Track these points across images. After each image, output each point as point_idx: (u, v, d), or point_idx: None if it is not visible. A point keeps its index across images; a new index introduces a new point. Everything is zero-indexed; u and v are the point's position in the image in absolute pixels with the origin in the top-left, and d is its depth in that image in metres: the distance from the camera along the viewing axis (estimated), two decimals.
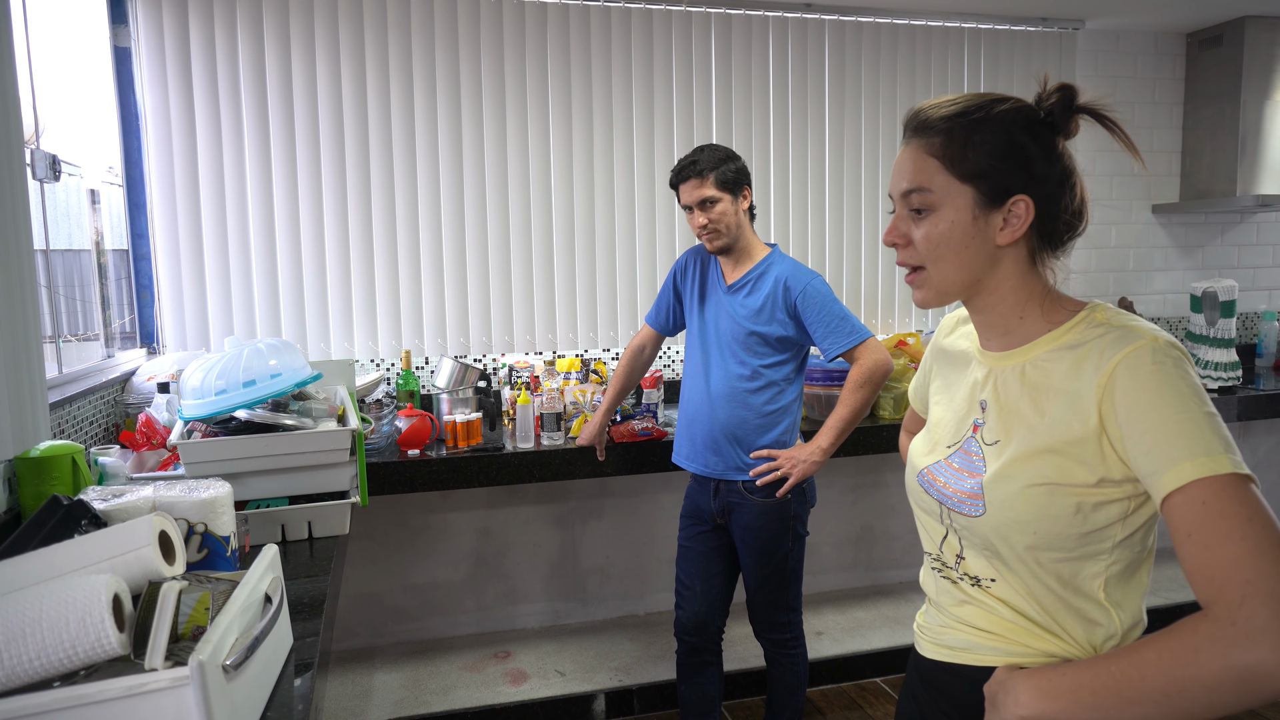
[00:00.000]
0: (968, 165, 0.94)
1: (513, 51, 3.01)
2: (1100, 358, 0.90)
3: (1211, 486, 0.80)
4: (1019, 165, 0.93)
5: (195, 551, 1.38)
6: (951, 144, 0.95)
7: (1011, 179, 0.93)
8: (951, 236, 0.95)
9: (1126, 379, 0.87)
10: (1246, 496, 0.80)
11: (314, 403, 2.04)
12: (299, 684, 1.16)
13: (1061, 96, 0.94)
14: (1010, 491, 0.94)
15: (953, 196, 0.95)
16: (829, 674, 2.90)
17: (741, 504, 2.21)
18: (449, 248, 3.01)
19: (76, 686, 0.88)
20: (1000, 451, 0.97)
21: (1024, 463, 0.94)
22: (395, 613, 3.06)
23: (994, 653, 1.01)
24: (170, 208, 2.78)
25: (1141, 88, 3.77)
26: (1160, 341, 0.88)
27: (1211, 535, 0.79)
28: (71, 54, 2.53)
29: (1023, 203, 0.93)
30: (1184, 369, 0.87)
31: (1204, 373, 3.49)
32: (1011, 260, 0.97)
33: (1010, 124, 0.94)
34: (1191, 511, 0.81)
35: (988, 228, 0.95)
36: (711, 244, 2.19)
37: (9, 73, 1.46)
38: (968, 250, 0.96)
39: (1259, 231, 4.01)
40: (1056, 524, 0.92)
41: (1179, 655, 0.79)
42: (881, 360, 2.16)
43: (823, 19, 3.29)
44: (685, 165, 2.15)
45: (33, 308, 1.52)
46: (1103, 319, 0.94)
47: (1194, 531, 0.80)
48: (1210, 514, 0.79)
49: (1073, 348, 0.93)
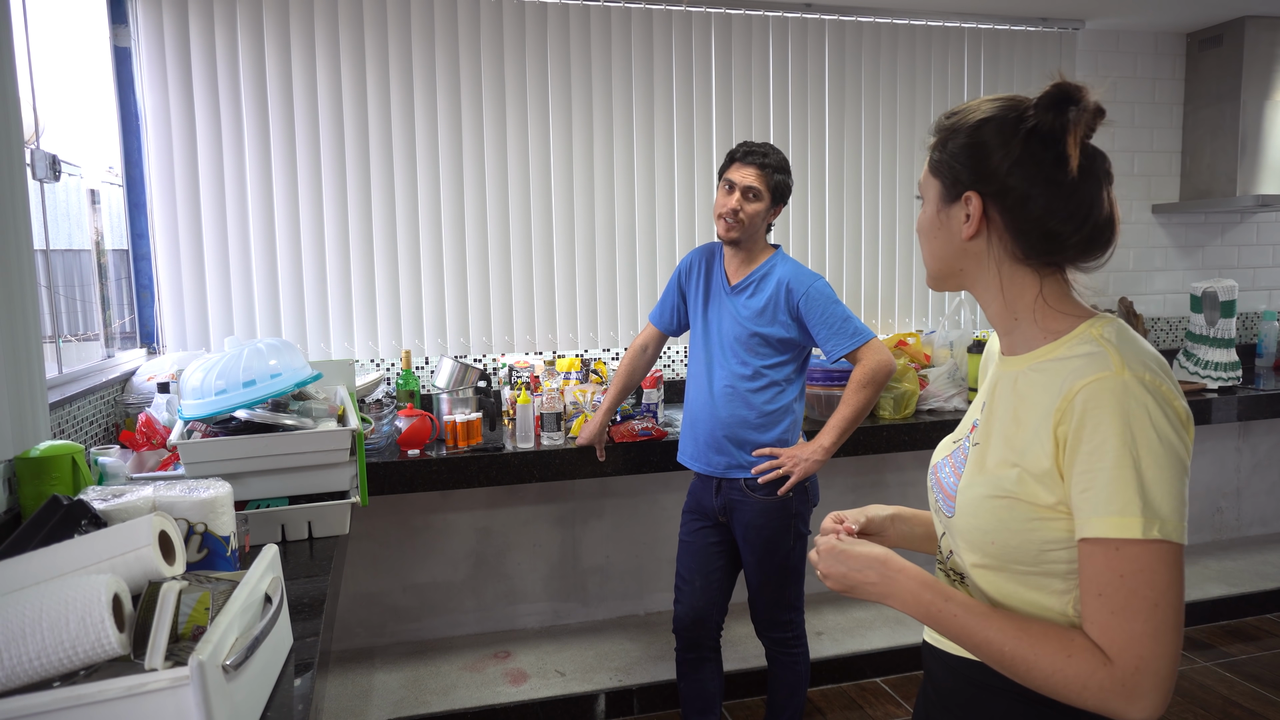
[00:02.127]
0: (937, 160, 0.99)
1: (513, 51, 3.01)
2: (1067, 380, 0.88)
3: (1127, 552, 0.83)
4: (972, 163, 0.95)
5: (195, 551, 1.38)
6: (937, 142, 1.00)
7: (962, 175, 0.96)
8: (924, 226, 1.03)
9: (1080, 410, 0.85)
10: (1160, 574, 0.83)
11: (314, 403, 2.04)
12: (299, 684, 1.16)
13: (1046, 95, 0.91)
14: (974, 497, 0.96)
15: (929, 189, 1.01)
16: (829, 674, 2.90)
17: (743, 502, 2.21)
18: (449, 248, 3.01)
19: (76, 686, 0.88)
20: (979, 456, 0.99)
21: (991, 472, 0.95)
22: (395, 613, 3.06)
23: None
24: (170, 208, 2.78)
25: (1141, 88, 3.77)
26: (1128, 376, 0.85)
27: (1120, 605, 0.83)
28: (71, 54, 2.53)
29: (973, 199, 0.95)
30: (1146, 412, 0.84)
31: (1204, 373, 3.49)
32: (992, 259, 0.97)
33: (980, 124, 0.95)
34: (1105, 576, 0.84)
35: (950, 221, 0.98)
36: (727, 232, 2.20)
37: (9, 73, 1.46)
38: (936, 240, 1.01)
39: (1259, 231, 4.01)
40: (1014, 537, 0.92)
41: (1046, 653, 0.86)
42: (884, 361, 2.16)
43: (823, 19, 3.29)
44: (755, 151, 2.18)
45: (33, 308, 1.52)
46: (1096, 335, 0.91)
47: (1104, 593, 0.84)
48: (1124, 587, 0.83)
49: (1058, 361, 0.92)
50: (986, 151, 0.94)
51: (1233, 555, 3.76)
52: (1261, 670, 2.96)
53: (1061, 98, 0.89)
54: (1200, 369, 3.52)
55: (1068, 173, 0.90)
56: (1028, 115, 0.92)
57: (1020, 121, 0.92)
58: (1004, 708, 0.99)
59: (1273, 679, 2.90)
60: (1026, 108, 0.93)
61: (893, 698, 2.83)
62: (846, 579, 1.02)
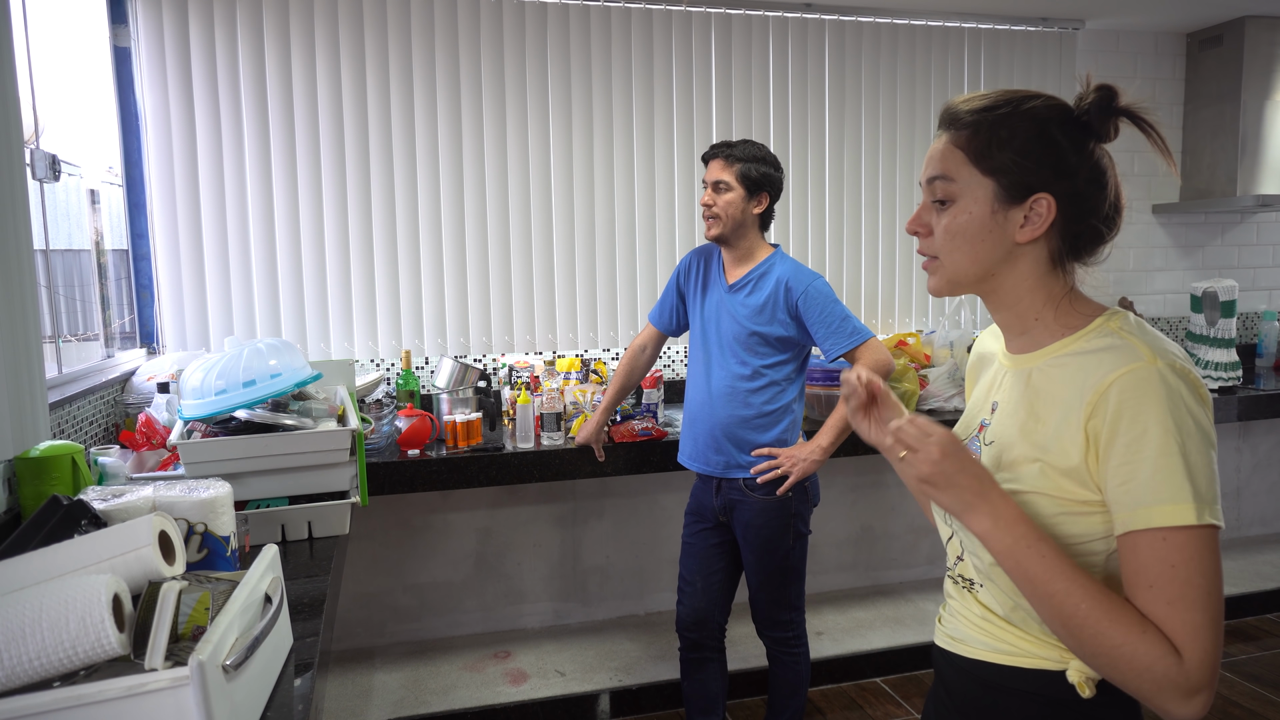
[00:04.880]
0: (991, 159, 0.93)
1: (513, 51, 3.01)
2: (1096, 373, 0.88)
3: (1174, 541, 0.83)
4: (1044, 163, 0.92)
5: (195, 551, 1.38)
6: (978, 137, 0.94)
7: (1034, 176, 0.92)
8: (969, 228, 0.95)
9: (1116, 402, 0.85)
10: (1207, 560, 0.83)
11: (314, 403, 2.03)
12: (299, 684, 1.16)
13: (1099, 97, 0.92)
14: None
15: (973, 189, 0.94)
16: (829, 674, 2.90)
17: (743, 501, 2.21)
18: (449, 248, 3.01)
19: (76, 686, 0.88)
20: (994, 454, 0.98)
21: (1010, 470, 0.95)
22: (395, 613, 3.06)
23: (984, 647, 1.01)
24: (170, 208, 2.78)
25: (1141, 88, 3.75)
26: (1161, 365, 0.85)
27: (1176, 596, 0.83)
28: (71, 54, 2.53)
29: (1045, 201, 0.92)
30: (1181, 399, 0.84)
31: (1204, 373, 3.49)
32: (1030, 260, 0.95)
33: (1039, 120, 0.92)
34: (1155, 567, 0.83)
35: (1006, 223, 0.94)
36: (709, 230, 2.24)
37: (9, 73, 1.46)
38: (983, 244, 0.95)
39: (1259, 231, 4.01)
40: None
41: (1120, 624, 0.84)
42: (882, 360, 2.16)
43: (823, 19, 3.29)
44: (720, 145, 2.22)
45: (33, 308, 1.52)
46: (1115, 328, 0.92)
47: (1155, 584, 0.84)
48: (1177, 577, 0.82)
49: (1078, 355, 0.92)
50: (1060, 152, 0.92)
51: (1233, 555, 3.76)
52: (1261, 670, 2.96)
53: (1108, 99, 0.92)
54: (1200, 369, 3.52)
55: (1107, 174, 0.94)
56: (1084, 116, 0.93)
57: (1078, 122, 0.93)
58: (1019, 707, 0.97)
59: (1273, 679, 2.90)
60: (1082, 107, 0.93)
61: (893, 698, 2.83)
62: (938, 467, 0.90)
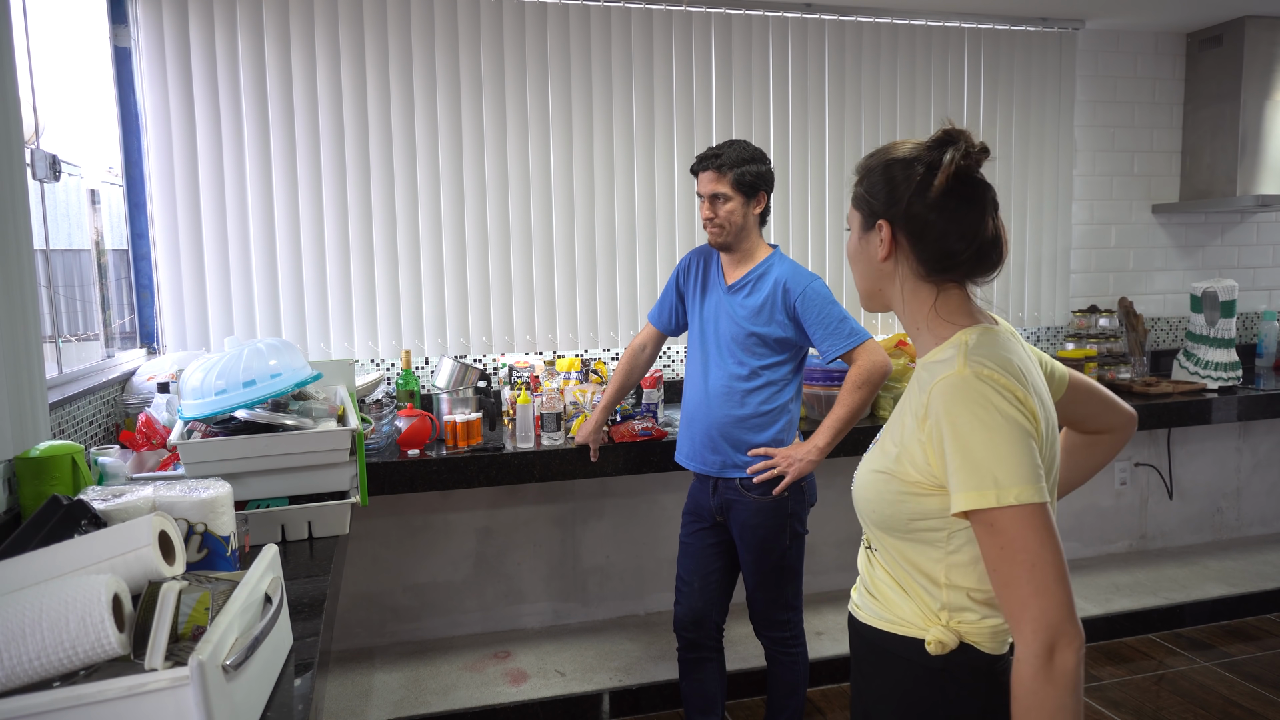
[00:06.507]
0: (856, 195, 1.16)
1: (513, 51, 3.01)
2: (929, 383, 1.04)
3: (998, 524, 0.96)
4: (883, 197, 1.11)
5: (195, 551, 1.38)
6: (857, 180, 1.17)
7: (875, 206, 1.12)
8: (851, 251, 1.19)
9: (937, 406, 1.01)
10: (1027, 536, 0.94)
11: (314, 403, 2.04)
12: (299, 684, 1.16)
13: (932, 140, 1.07)
14: (864, 472, 1.15)
15: (853, 220, 1.18)
16: (829, 674, 2.90)
17: (739, 501, 2.21)
18: (449, 248, 3.01)
19: (76, 686, 0.88)
20: (879, 439, 1.17)
21: (877, 451, 1.14)
22: (395, 613, 3.06)
23: (873, 615, 1.17)
24: (170, 208, 2.78)
25: (1141, 88, 3.77)
26: (966, 373, 1.01)
27: (1007, 576, 0.96)
28: (71, 54, 2.53)
29: (884, 226, 1.11)
30: (986, 399, 0.99)
31: (1204, 373, 3.50)
32: (900, 278, 1.14)
33: (886, 161, 1.12)
34: (990, 552, 0.97)
35: (868, 246, 1.15)
36: (713, 239, 2.23)
37: (9, 73, 1.46)
38: (860, 263, 1.17)
39: (1259, 231, 4.01)
40: (888, 508, 1.09)
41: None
42: (879, 361, 2.16)
43: (823, 19, 3.29)
44: (708, 156, 2.19)
45: (33, 308, 1.52)
46: (961, 341, 1.07)
47: (995, 568, 0.97)
48: (1005, 557, 0.96)
49: (928, 365, 1.08)
50: (893, 185, 1.10)
51: (1233, 555, 3.76)
52: (1261, 670, 2.96)
53: (945, 140, 1.07)
54: (1200, 369, 3.52)
55: (952, 199, 1.07)
56: (921, 155, 1.08)
57: (917, 160, 1.09)
58: (891, 668, 1.14)
59: (1273, 679, 2.90)
60: (923, 149, 1.09)
61: None
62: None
